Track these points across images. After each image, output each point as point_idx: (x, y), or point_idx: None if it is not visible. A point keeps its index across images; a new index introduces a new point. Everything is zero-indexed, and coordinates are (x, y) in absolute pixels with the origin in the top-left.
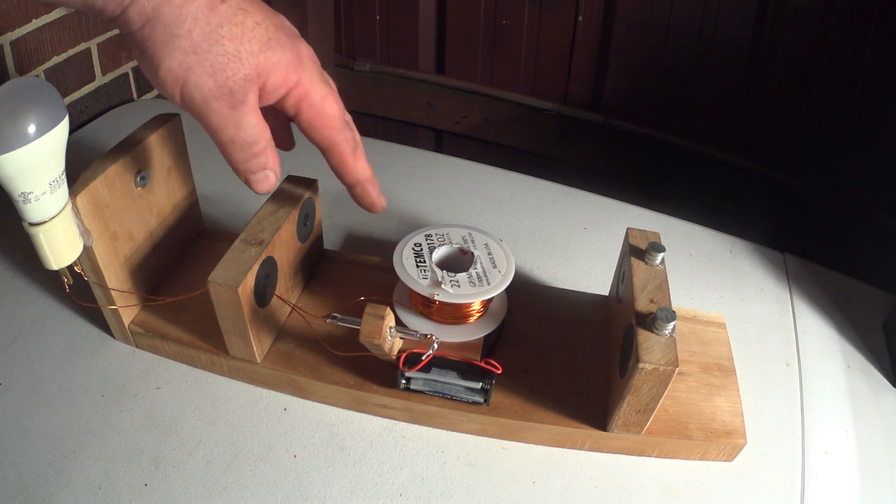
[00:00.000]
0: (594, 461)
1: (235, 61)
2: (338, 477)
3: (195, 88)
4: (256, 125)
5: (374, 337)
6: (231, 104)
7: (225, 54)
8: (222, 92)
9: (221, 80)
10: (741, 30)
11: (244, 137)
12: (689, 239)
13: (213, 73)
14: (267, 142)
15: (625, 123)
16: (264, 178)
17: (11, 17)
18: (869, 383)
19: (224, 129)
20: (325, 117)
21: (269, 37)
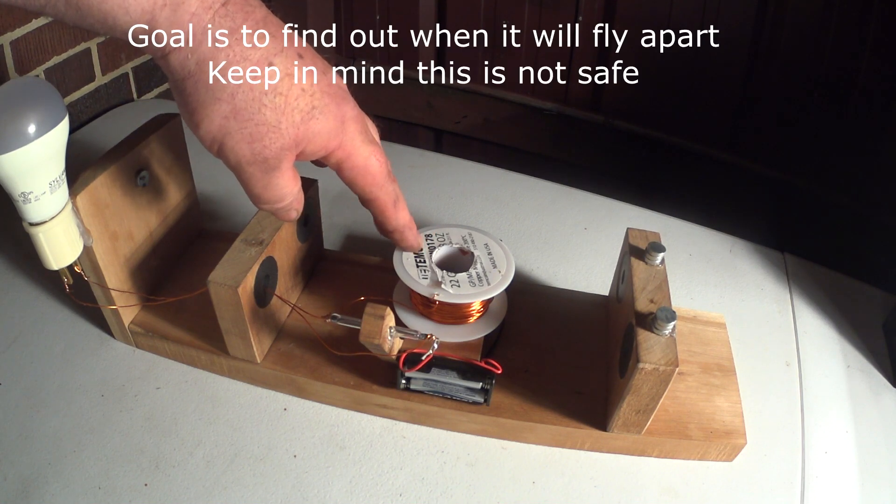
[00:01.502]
0: (594, 461)
1: (274, 132)
2: (338, 477)
3: (230, 152)
4: (286, 185)
5: (374, 337)
6: (264, 170)
7: (265, 124)
8: (256, 159)
9: (258, 148)
10: (741, 30)
11: (272, 195)
12: (689, 239)
13: (250, 140)
14: (294, 195)
15: (625, 123)
16: (286, 215)
17: (11, 17)
18: (869, 383)
19: (253, 187)
20: (367, 175)
21: (314, 105)
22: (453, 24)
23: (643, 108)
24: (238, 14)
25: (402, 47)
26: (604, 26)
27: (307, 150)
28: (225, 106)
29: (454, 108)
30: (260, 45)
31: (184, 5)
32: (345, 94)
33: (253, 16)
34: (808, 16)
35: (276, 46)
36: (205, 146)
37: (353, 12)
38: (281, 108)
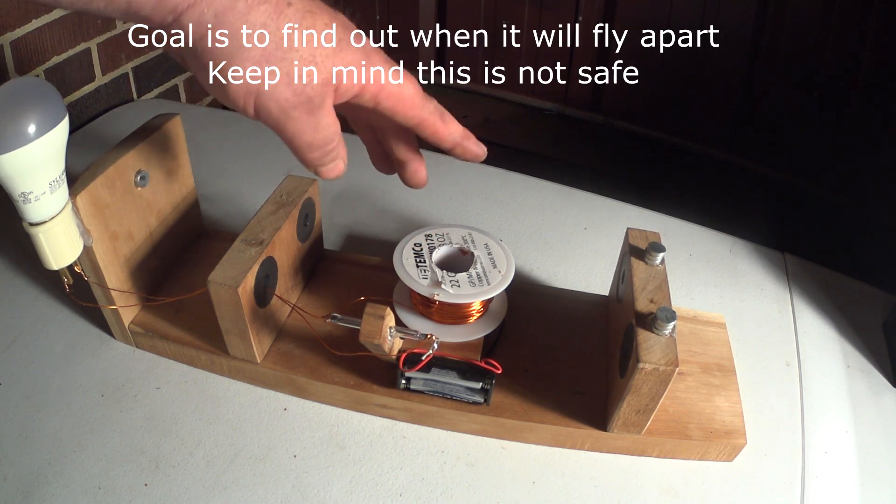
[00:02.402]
0: (594, 461)
1: (311, 67)
2: (338, 477)
3: (271, 99)
4: (332, 125)
5: (374, 337)
6: (309, 110)
7: (301, 60)
8: (300, 100)
9: (299, 88)
10: (741, 30)
11: (321, 138)
12: (689, 239)
13: (289, 81)
14: (338, 136)
15: (625, 123)
16: (334, 167)
17: (11, 17)
18: (869, 383)
19: (302, 134)
20: (405, 101)
21: (339, 38)
22: (453, 24)
23: (643, 108)
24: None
25: (402, 47)
26: (604, 26)
27: (342, 86)
28: (254, 52)
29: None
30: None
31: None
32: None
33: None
34: (808, 16)
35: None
36: (238, 107)
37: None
38: (311, 40)
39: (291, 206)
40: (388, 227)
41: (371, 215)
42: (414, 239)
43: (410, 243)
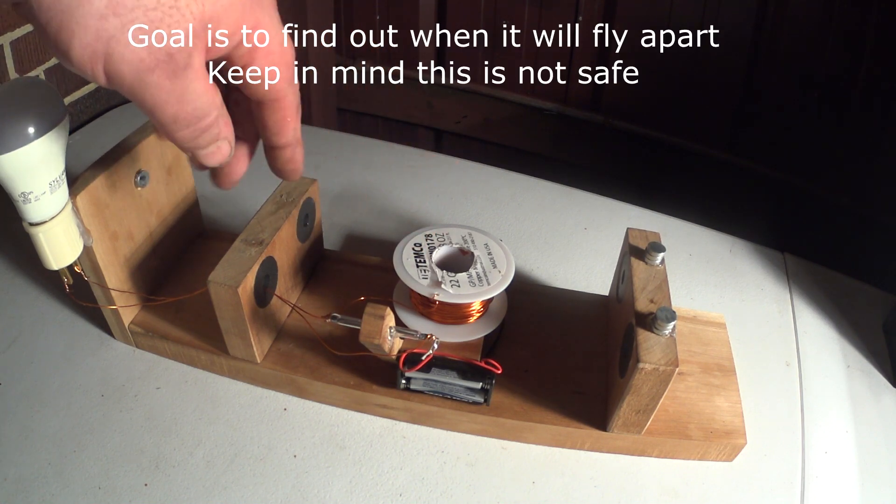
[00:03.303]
0: (594, 461)
1: (173, 13)
2: (338, 477)
3: (122, 61)
4: (205, 93)
5: (374, 337)
6: (171, 72)
7: (157, 6)
8: (158, 59)
9: (156, 43)
10: (741, 30)
11: (191, 111)
12: (689, 239)
13: (143, 35)
14: (219, 109)
15: (625, 123)
16: (216, 149)
17: (12, 17)
18: (869, 383)
19: (165, 105)
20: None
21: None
22: (453, 24)
23: (643, 108)
24: None
25: (402, 47)
26: (604, 26)
27: (218, 33)
28: (98, 2)
29: (454, 108)
30: None
31: None
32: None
33: None
34: (808, 16)
35: None
36: (86, 74)
37: (353, 12)
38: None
39: (291, 206)
40: (388, 227)
41: (371, 215)
42: (414, 239)
43: (410, 243)
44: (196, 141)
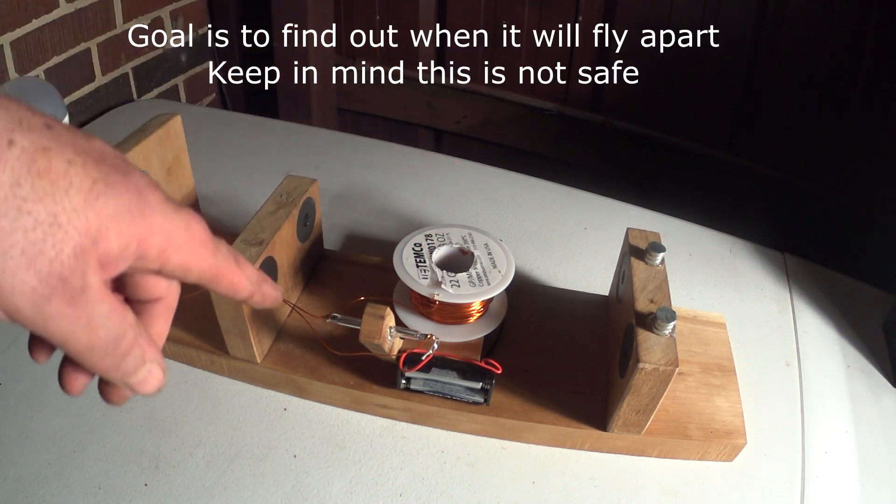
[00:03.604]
0: (594, 461)
1: (56, 232)
2: (338, 477)
3: (13, 293)
4: (112, 313)
5: (374, 337)
6: (69, 298)
7: (37, 226)
8: (51, 285)
9: (42, 268)
10: (741, 30)
11: (104, 336)
12: (689, 239)
13: (29, 262)
14: (133, 328)
15: (625, 123)
16: (147, 375)
17: (11, 17)
18: (869, 383)
19: (74, 335)
20: (197, 248)
21: (93, 177)
22: (453, 24)
23: (643, 108)
24: None
25: (402, 47)
26: (604, 26)
27: (111, 247)
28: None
29: (454, 108)
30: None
31: None
32: (122, 158)
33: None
34: (808, 16)
35: (13, 116)
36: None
37: (353, 12)
38: (49, 193)
39: (291, 206)
40: (388, 227)
41: (371, 215)
42: (414, 239)
43: (410, 243)
44: (121, 369)
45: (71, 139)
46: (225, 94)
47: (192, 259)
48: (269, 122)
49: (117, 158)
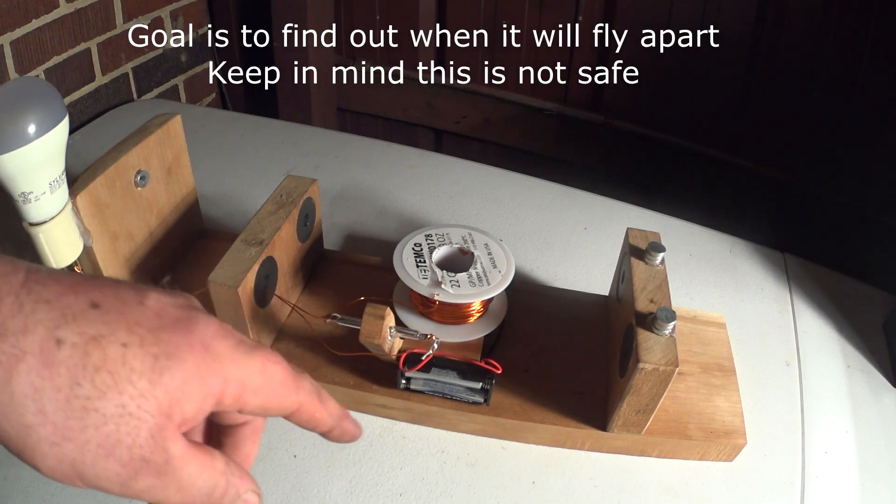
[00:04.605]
0: (594, 461)
1: (128, 421)
2: (338, 477)
3: (98, 479)
4: (201, 471)
5: (374, 337)
6: (156, 472)
7: (107, 421)
8: (135, 467)
9: (122, 455)
10: (741, 30)
11: (197, 493)
12: (689, 239)
13: (105, 452)
14: (223, 473)
15: (625, 123)
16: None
17: (11, 17)
18: (869, 383)
19: (168, 500)
20: (275, 390)
21: (153, 353)
22: (453, 24)
23: (643, 108)
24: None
25: (402, 47)
26: (604, 26)
27: (186, 414)
28: (42, 430)
29: (454, 108)
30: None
31: None
32: (185, 307)
33: (8, 286)
34: (808, 16)
35: (55, 309)
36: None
37: (353, 12)
38: (112, 385)
39: (291, 206)
40: (388, 227)
41: (371, 215)
42: (414, 239)
43: (410, 243)
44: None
45: (120, 312)
46: (225, 94)
47: (272, 400)
48: (269, 122)
49: (176, 310)
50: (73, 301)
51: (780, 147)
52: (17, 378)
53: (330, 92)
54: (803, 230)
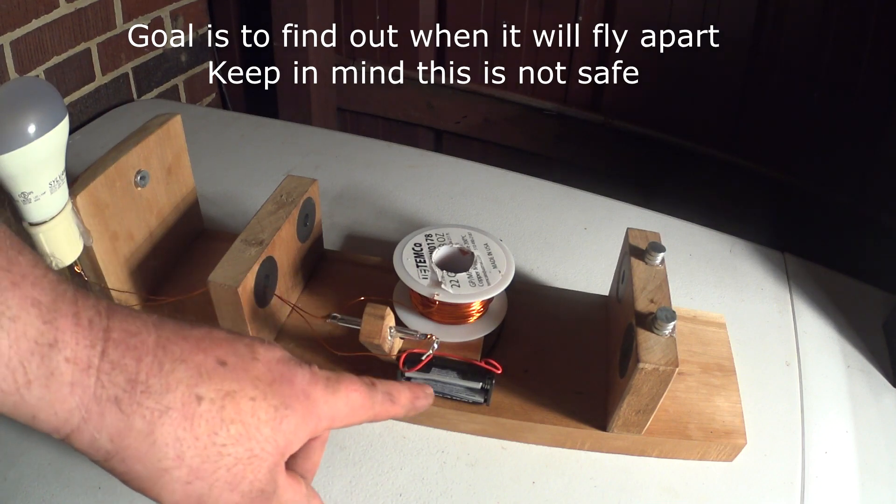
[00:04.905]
0: (594, 461)
1: (253, 462)
2: (338, 477)
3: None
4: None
5: (374, 337)
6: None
7: (237, 463)
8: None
9: (245, 489)
10: (741, 30)
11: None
12: (689, 239)
13: (231, 487)
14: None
15: (625, 123)
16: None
17: (11, 17)
18: (869, 383)
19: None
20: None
21: (275, 404)
22: (453, 24)
23: (643, 108)
24: (127, 355)
25: (402, 47)
26: (604, 26)
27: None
28: (178, 472)
29: (454, 108)
30: (173, 380)
31: (55, 377)
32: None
33: (145, 347)
34: (808, 16)
35: (191, 367)
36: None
37: (353, 12)
38: (244, 435)
39: (291, 206)
40: (388, 227)
41: (371, 215)
42: (414, 239)
43: (410, 243)
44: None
45: (244, 368)
46: (225, 94)
47: (354, 419)
48: (269, 122)
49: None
50: (203, 360)
51: (780, 147)
52: (159, 429)
53: (330, 92)
54: (803, 230)
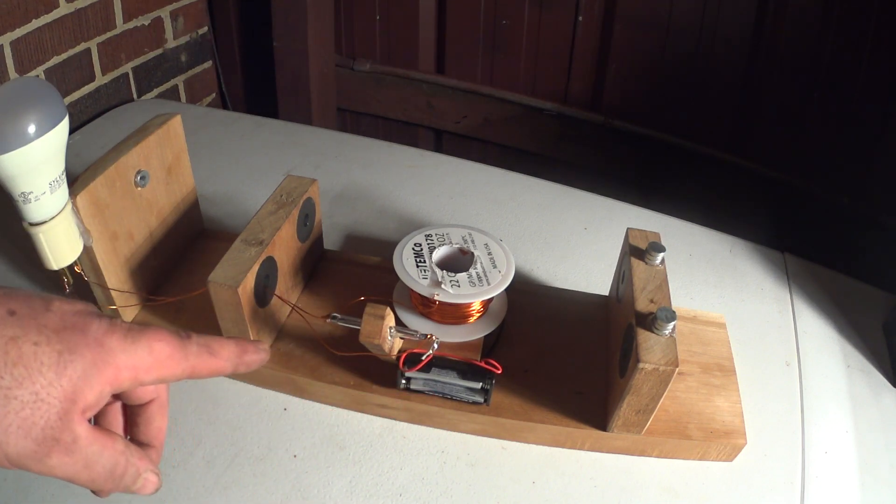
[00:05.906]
0: (594, 461)
1: (40, 405)
2: (338, 477)
3: (20, 458)
4: (103, 450)
5: (374, 337)
6: (65, 450)
7: (24, 406)
8: (48, 446)
9: (37, 435)
10: (741, 30)
11: (102, 470)
12: (689, 239)
13: (24, 433)
14: (123, 453)
15: (625, 123)
16: (144, 482)
17: (11, 17)
18: (869, 383)
19: (78, 475)
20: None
21: (59, 349)
22: (453, 24)
23: (643, 108)
24: None
25: (402, 47)
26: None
27: (88, 400)
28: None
29: (454, 108)
30: None
31: None
32: (82, 312)
33: None
34: (808, 16)
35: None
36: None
37: (353, 12)
38: (27, 377)
39: (291, 206)
40: (388, 227)
41: (371, 215)
42: (414, 239)
43: (410, 243)
44: (122, 486)
45: (32, 317)
46: (225, 94)
47: (164, 371)
48: (269, 122)
49: (74, 315)
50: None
51: (780, 147)
52: None
53: (330, 92)
54: (803, 230)
